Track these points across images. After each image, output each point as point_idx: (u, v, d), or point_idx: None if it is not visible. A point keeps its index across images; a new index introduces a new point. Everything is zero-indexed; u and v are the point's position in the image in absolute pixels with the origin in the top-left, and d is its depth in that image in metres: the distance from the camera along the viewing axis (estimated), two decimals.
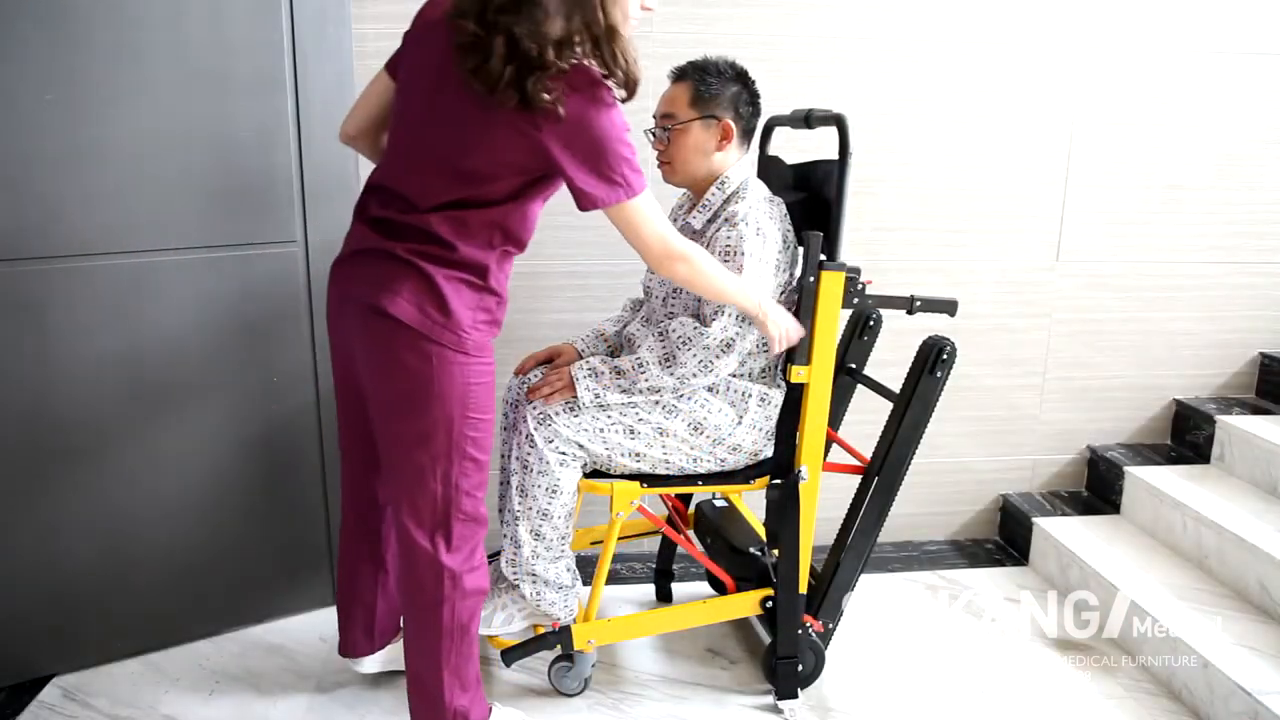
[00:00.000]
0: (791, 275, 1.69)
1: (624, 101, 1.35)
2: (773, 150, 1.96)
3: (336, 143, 1.88)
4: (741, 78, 1.69)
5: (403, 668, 1.60)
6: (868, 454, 1.78)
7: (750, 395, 1.68)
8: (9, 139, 1.59)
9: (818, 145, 1.97)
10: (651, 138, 1.72)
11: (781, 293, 1.67)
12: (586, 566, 1.91)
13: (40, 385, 1.70)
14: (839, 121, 1.58)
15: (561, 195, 1.60)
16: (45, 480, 1.74)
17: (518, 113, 1.26)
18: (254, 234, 1.84)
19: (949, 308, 1.70)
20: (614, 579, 2.29)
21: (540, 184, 1.38)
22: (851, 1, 2.21)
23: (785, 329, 1.59)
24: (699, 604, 1.85)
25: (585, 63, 1.29)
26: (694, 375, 1.61)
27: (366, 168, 1.91)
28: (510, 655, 1.73)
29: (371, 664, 1.78)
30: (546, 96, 1.24)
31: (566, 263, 2.23)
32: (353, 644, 1.75)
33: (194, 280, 1.79)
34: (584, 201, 1.34)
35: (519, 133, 1.28)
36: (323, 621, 2.05)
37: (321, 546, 2.08)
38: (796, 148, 1.93)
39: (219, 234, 1.80)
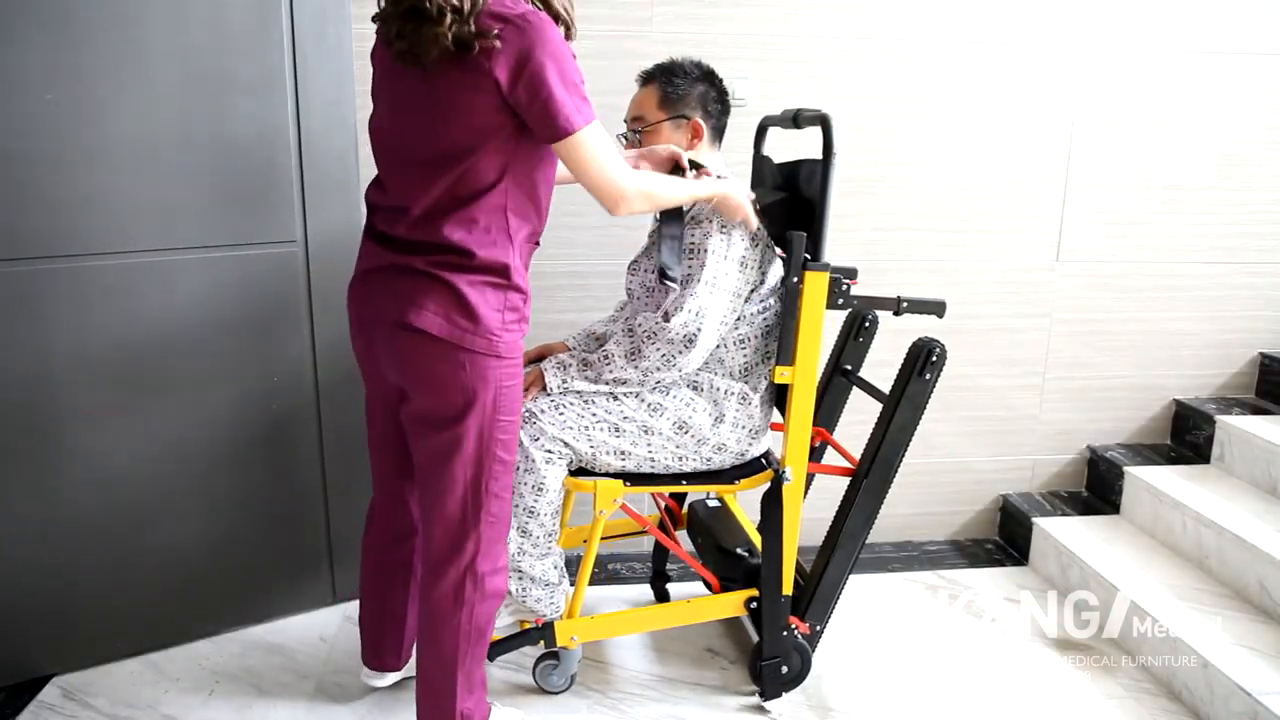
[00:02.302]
0: (762, 272, 1.69)
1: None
2: (769, 150, 1.95)
3: (336, 142, 1.89)
4: (709, 76, 1.70)
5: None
6: None
7: (731, 394, 1.68)
8: (9, 139, 1.59)
9: (815, 146, 1.97)
10: (623, 141, 1.74)
11: (750, 287, 1.67)
12: (579, 565, 1.92)
13: (40, 385, 1.70)
14: (824, 121, 1.58)
15: (563, 195, 1.59)
16: (45, 480, 1.74)
17: (460, 65, 1.24)
18: (254, 234, 1.84)
19: (937, 309, 1.69)
20: (613, 579, 2.29)
21: (524, 151, 1.33)
22: (851, 1, 2.21)
23: (737, 200, 1.58)
24: (683, 603, 1.85)
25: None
26: (657, 369, 1.61)
27: (367, 167, 1.92)
28: (494, 650, 1.72)
29: (394, 678, 1.78)
30: (472, 28, 1.21)
31: (566, 263, 2.23)
32: (383, 660, 1.75)
33: (194, 280, 1.79)
34: (546, 129, 1.27)
35: (471, 86, 1.25)
36: (323, 621, 2.05)
37: (321, 547, 2.08)
38: (796, 149, 1.93)
39: (219, 234, 1.80)
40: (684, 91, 1.68)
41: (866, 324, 1.92)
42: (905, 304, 1.66)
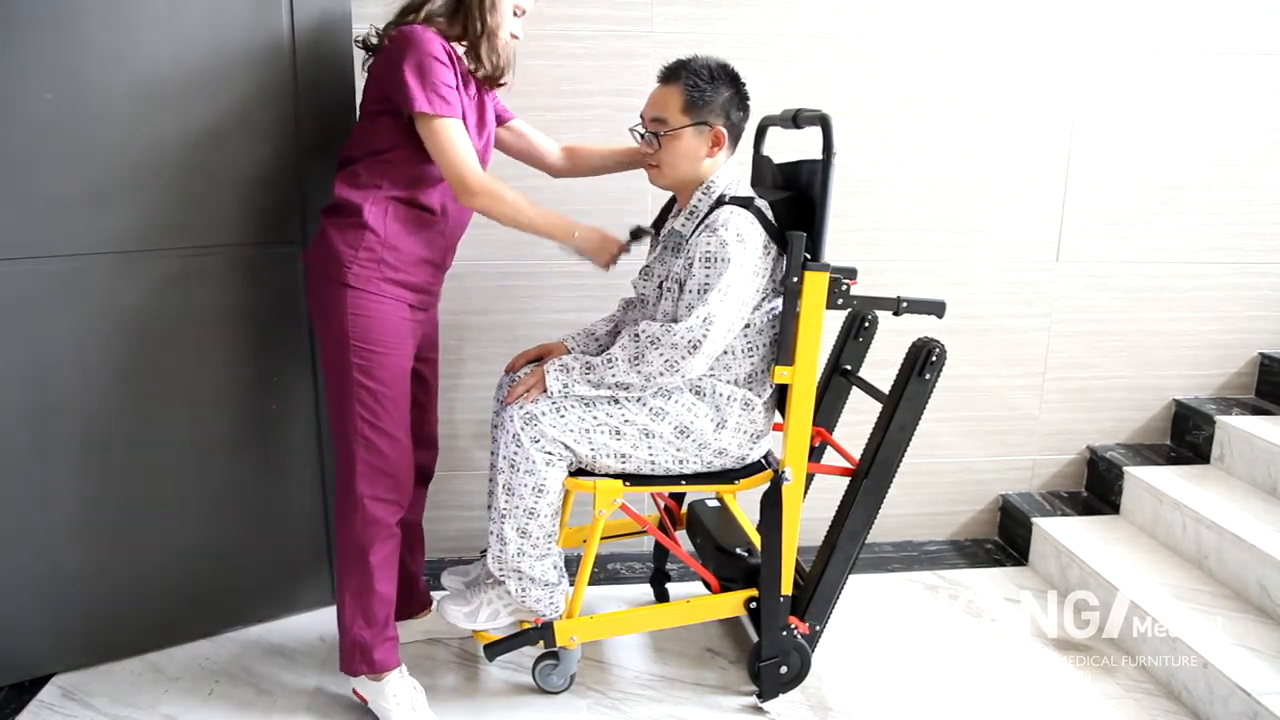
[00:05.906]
0: (773, 279, 1.67)
1: (493, 80, 1.65)
2: (769, 149, 1.95)
3: (336, 143, 1.89)
4: (733, 81, 1.65)
5: (428, 637, 1.99)
6: None
7: (734, 400, 1.68)
8: (9, 139, 1.59)
9: (815, 145, 1.97)
10: (638, 138, 1.70)
11: (761, 296, 1.66)
12: (578, 565, 1.92)
13: (40, 385, 1.70)
14: (823, 122, 1.57)
15: (564, 197, 1.57)
16: (45, 480, 1.74)
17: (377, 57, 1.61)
18: (254, 234, 1.84)
19: (937, 309, 1.69)
20: (613, 579, 2.29)
21: (411, 128, 1.55)
22: (851, 2, 2.21)
23: (595, 245, 1.69)
24: (683, 603, 1.85)
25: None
26: (660, 374, 1.60)
27: None
28: (493, 650, 1.73)
29: (422, 624, 1.99)
30: (384, 35, 1.61)
31: (565, 263, 2.22)
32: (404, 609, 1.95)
33: (193, 280, 1.79)
34: (403, 100, 1.51)
35: (373, 73, 1.61)
36: (323, 621, 2.05)
37: (321, 546, 2.08)
38: (798, 148, 1.93)
39: (218, 234, 1.80)
40: (710, 97, 1.61)
41: (866, 324, 1.91)
42: (905, 304, 1.66)
